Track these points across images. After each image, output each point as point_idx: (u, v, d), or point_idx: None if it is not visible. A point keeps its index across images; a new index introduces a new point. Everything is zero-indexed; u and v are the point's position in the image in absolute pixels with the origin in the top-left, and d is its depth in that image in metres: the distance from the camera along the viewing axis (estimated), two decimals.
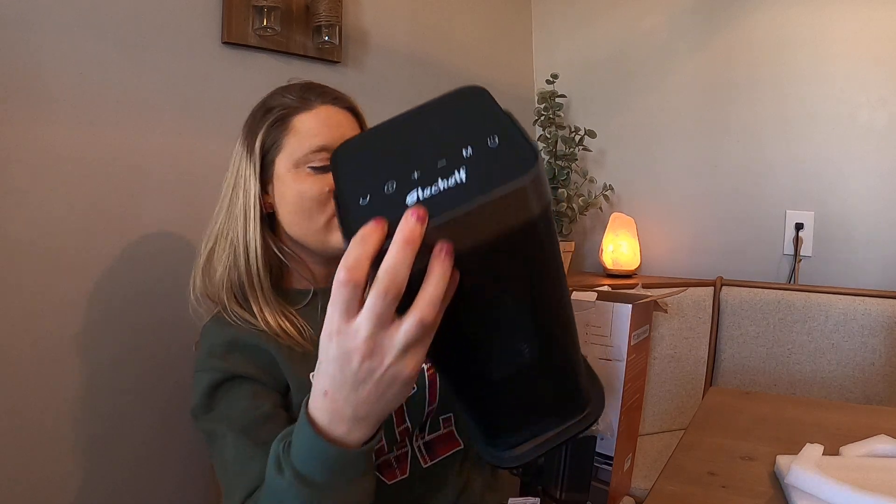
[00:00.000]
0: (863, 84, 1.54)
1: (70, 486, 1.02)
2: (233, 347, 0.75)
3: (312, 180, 0.77)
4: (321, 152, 0.77)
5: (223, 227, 0.81)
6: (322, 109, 0.79)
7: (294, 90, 0.81)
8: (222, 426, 0.71)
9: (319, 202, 0.77)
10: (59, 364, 1.00)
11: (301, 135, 0.78)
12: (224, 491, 0.68)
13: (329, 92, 0.82)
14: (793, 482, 0.67)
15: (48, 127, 0.99)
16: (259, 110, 0.82)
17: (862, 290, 1.45)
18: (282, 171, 0.78)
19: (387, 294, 0.38)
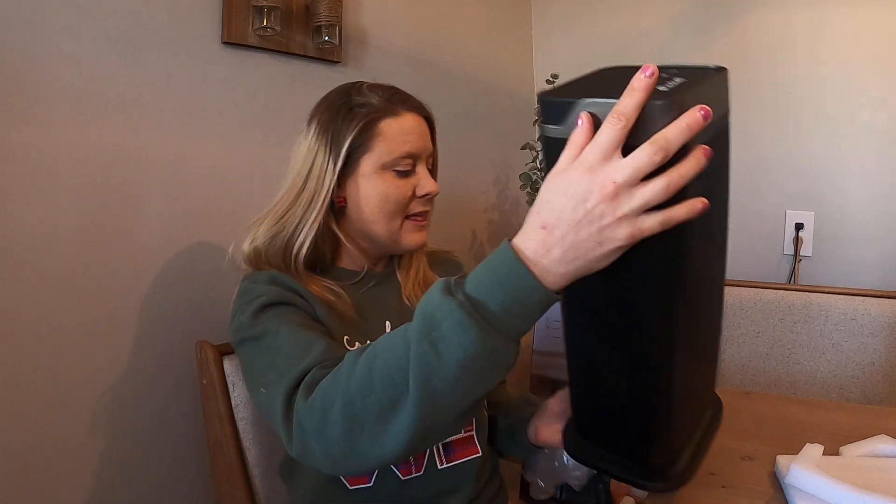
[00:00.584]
0: (863, 84, 1.54)
1: (70, 486, 1.02)
2: (279, 284, 0.78)
3: (398, 184, 0.82)
4: (407, 158, 0.82)
5: (280, 208, 0.84)
6: (408, 116, 0.83)
7: (381, 92, 0.83)
8: (274, 326, 0.72)
9: (402, 204, 0.83)
10: (59, 364, 1.00)
11: (389, 140, 0.81)
12: (269, 380, 0.65)
13: (412, 100, 0.86)
14: (793, 482, 0.67)
15: (47, 127, 0.99)
16: (341, 107, 0.82)
17: (862, 290, 1.45)
18: (366, 170, 0.81)
19: (654, 156, 0.42)
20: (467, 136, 1.81)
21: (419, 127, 0.84)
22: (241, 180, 1.23)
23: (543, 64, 2.07)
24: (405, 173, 0.82)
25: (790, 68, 1.63)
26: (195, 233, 1.17)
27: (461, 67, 1.78)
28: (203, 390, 0.97)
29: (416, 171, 0.84)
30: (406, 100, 0.85)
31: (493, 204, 1.92)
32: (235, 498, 0.93)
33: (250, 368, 0.73)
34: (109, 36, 1.05)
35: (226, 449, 0.94)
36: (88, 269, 1.03)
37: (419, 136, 0.84)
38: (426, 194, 0.84)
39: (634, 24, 1.89)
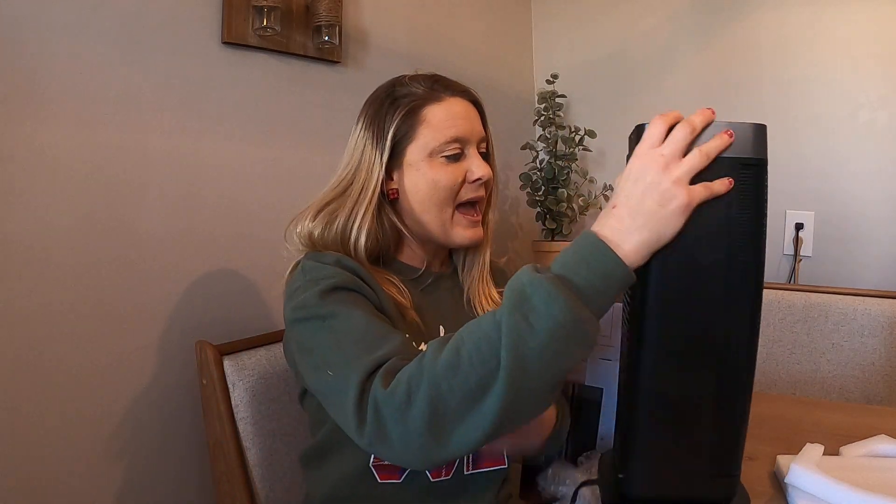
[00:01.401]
0: (863, 84, 1.54)
1: (70, 487, 1.02)
2: (346, 268, 0.75)
3: (446, 170, 0.81)
4: (454, 143, 0.80)
5: (329, 203, 0.82)
6: (452, 101, 0.82)
7: (422, 81, 0.83)
8: (345, 309, 0.68)
9: (452, 190, 0.81)
10: (59, 365, 1.00)
11: (434, 126, 0.80)
12: (339, 362, 0.63)
13: (455, 84, 0.84)
14: (793, 482, 0.67)
15: (47, 127, 0.99)
16: (384, 99, 0.83)
17: (862, 290, 1.45)
18: (414, 158, 0.81)
19: (687, 136, 0.56)
20: None
21: (465, 111, 0.83)
22: (242, 180, 1.23)
23: (543, 64, 2.07)
24: (454, 157, 0.81)
25: (790, 68, 1.63)
26: (195, 233, 1.17)
27: (461, 67, 1.78)
28: (203, 390, 0.97)
29: (466, 155, 0.82)
30: (450, 85, 0.84)
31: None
32: (235, 498, 0.93)
33: (311, 348, 0.69)
34: (109, 36, 1.05)
35: (226, 449, 0.94)
36: (88, 269, 1.03)
37: (466, 119, 0.82)
38: (477, 179, 0.82)
39: (634, 24, 1.89)
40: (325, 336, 0.67)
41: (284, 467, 0.99)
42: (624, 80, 1.92)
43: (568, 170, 1.78)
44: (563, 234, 1.79)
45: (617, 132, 1.91)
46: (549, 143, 1.79)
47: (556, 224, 1.77)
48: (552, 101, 1.78)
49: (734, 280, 0.57)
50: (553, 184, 1.77)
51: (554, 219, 1.77)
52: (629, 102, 1.91)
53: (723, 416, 0.60)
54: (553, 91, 1.79)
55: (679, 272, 0.57)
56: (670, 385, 0.59)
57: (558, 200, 1.75)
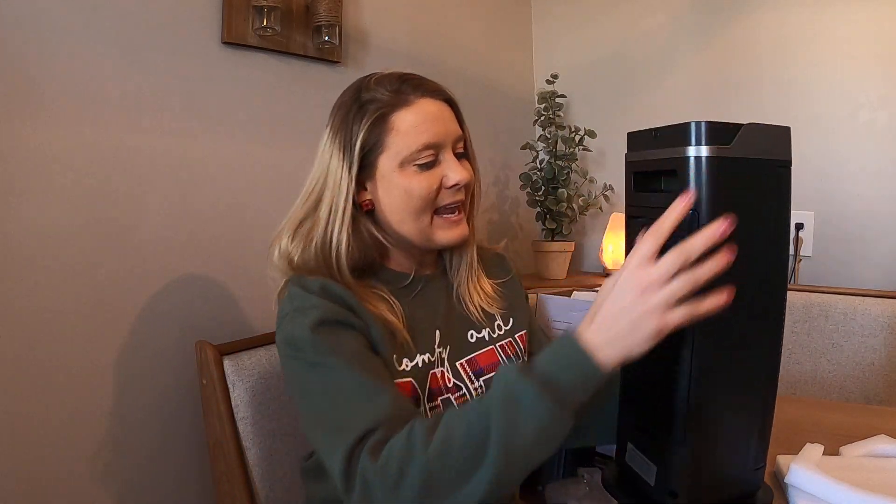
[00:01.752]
0: (863, 84, 1.54)
1: (70, 487, 1.02)
2: (332, 296, 0.73)
3: (420, 178, 0.76)
4: (427, 150, 0.76)
5: (303, 222, 0.79)
6: (422, 103, 0.77)
7: (388, 83, 0.77)
8: (333, 359, 0.68)
9: (428, 199, 0.77)
10: (59, 365, 1.00)
11: (403, 133, 0.75)
12: (329, 423, 0.66)
13: (425, 83, 0.79)
14: (793, 482, 0.67)
15: (47, 127, 0.99)
16: (351, 105, 0.78)
17: (862, 290, 1.45)
18: (385, 169, 0.77)
19: (677, 263, 0.55)
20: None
21: (438, 112, 0.78)
22: (242, 180, 1.23)
23: (543, 64, 2.07)
24: (428, 165, 0.76)
25: (790, 68, 1.63)
26: (195, 232, 1.17)
27: (461, 67, 1.78)
28: (203, 390, 0.97)
29: (441, 160, 0.78)
30: (419, 85, 0.78)
31: (493, 204, 1.92)
32: (235, 498, 0.93)
33: (300, 393, 0.71)
34: (109, 36, 1.05)
35: (226, 449, 0.94)
36: (89, 269, 1.03)
37: (438, 122, 0.77)
38: (454, 185, 0.77)
39: (634, 24, 1.89)
40: (313, 386, 0.68)
41: (284, 467, 0.99)
42: (624, 80, 1.92)
43: (568, 170, 1.78)
44: (563, 234, 1.79)
45: (617, 132, 1.90)
46: (549, 143, 1.79)
47: (556, 224, 1.77)
48: (552, 101, 1.78)
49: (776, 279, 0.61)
50: (553, 184, 1.77)
51: (554, 219, 1.77)
52: (629, 102, 1.91)
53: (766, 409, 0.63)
54: (553, 91, 1.79)
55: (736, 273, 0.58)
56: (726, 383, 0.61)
57: (558, 200, 1.75)
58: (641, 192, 0.66)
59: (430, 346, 0.79)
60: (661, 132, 0.62)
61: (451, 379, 0.79)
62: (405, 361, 0.76)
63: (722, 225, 0.55)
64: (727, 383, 0.61)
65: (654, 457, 0.65)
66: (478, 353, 0.84)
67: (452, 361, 0.81)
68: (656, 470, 0.64)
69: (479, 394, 0.80)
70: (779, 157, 0.59)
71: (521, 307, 0.93)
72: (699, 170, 0.57)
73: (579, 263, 2.04)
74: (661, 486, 0.64)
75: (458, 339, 0.83)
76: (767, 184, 0.59)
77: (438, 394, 0.77)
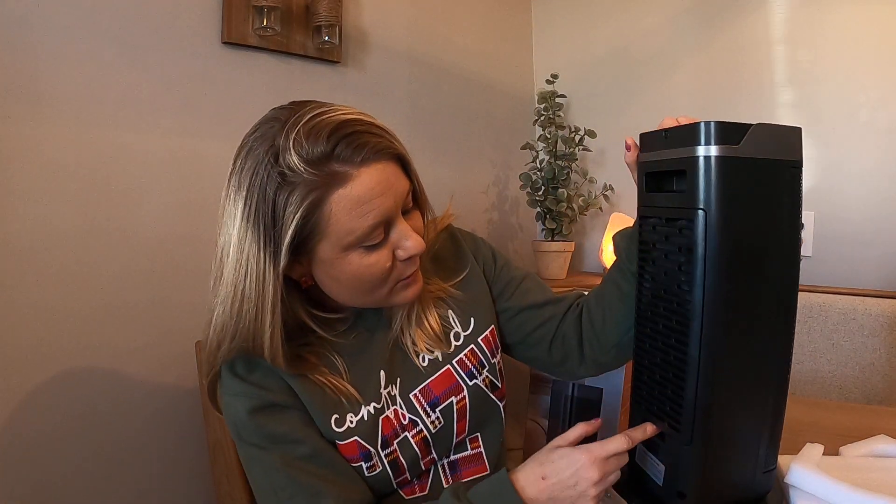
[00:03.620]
0: (863, 84, 1.54)
1: (70, 486, 1.02)
2: (266, 375, 0.69)
3: (370, 261, 0.65)
4: (375, 230, 0.63)
5: (231, 316, 0.66)
6: (363, 175, 0.61)
7: (314, 147, 0.60)
8: (271, 457, 0.68)
9: (382, 279, 0.67)
10: (59, 366, 1.00)
11: (345, 219, 0.62)
12: None
13: (363, 143, 0.61)
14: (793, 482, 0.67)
15: (47, 127, 0.99)
16: (267, 177, 0.61)
17: (862, 290, 1.45)
18: (326, 256, 0.64)
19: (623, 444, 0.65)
20: (467, 136, 1.81)
21: (383, 181, 0.63)
22: None
23: (543, 64, 2.07)
24: (377, 245, 0.65)
25: (789, 68, 1.63)
26: (195, 232, 1.17)
27: (461, 67, 1.78)
28: (203, 390, 0.97)
29: (392, 232, 0.66)
30: (358, 146, 0.61)
31: (493, 204, 1.92)
32: (235, 498, 0.93)
33: (250, 479, 0.72)
34: (109, 36, 1.05)
35: (226, 449, 0.94)
36: (88, 268, 1.03)
37: (386, 192, 0.63)
38: (410, 257, 0.67)
39: (634, 24, 1.89)
40: (258, 480, 0.70)
41: None
42: (624, 80, 1.92)
43: (568, 170, 1.78)
44: (563, 234, 1.79)
45: (617, 132, 1.92)
46: (549, 143, 1.79)
47: (556, 224, 1.77)
48: (552, 101, 1.78)
49: (787, 280, 0.60)
50: (553, 184, 1.77)
51: (554, 219, 1.77)
52: (629, 102, 1.91)
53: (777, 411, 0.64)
54: (553, 91, 1.79)
55: (744, 274, 0.59)
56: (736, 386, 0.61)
57: (558, 200, 1.75)
58: (653, 192, 0.66)
59: (375, 393, 0.74)
60: (672, 132, 0.62)
61: (406, 415, 0.75)
62: (349, 418, 0.71)
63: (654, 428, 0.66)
64: (738, 383, 0.61)
65: (663, 457, 0.65)
66: (432, 378, 0.77)
67: (405, 394, 0.75)
68: (665, 470, 0.65)
69: (435, 426, 0.75)
70: (789, 157, 0.59)
71: (483, 300, 0.83)
72: (708, 170, 0.58)
73: (579, 263, 2.04)
74: (670, 486, 0.64)
75: (408, 370, 0.77)
76: (778, 184, 0.59)
77: (394, 437, 0.73)
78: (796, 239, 0.61)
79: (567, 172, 1.77)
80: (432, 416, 0.76)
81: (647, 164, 0.66)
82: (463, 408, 0.78)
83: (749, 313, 0.59)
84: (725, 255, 0.58)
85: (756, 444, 0.63)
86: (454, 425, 0.77)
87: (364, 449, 0.72)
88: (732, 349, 0.60)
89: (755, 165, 0.58)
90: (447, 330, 0.80)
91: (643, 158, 0.67)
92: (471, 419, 0.79)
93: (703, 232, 0.57)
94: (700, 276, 0.58)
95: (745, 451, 0.63)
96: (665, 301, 0.64)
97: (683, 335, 0.60)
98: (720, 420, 0.61)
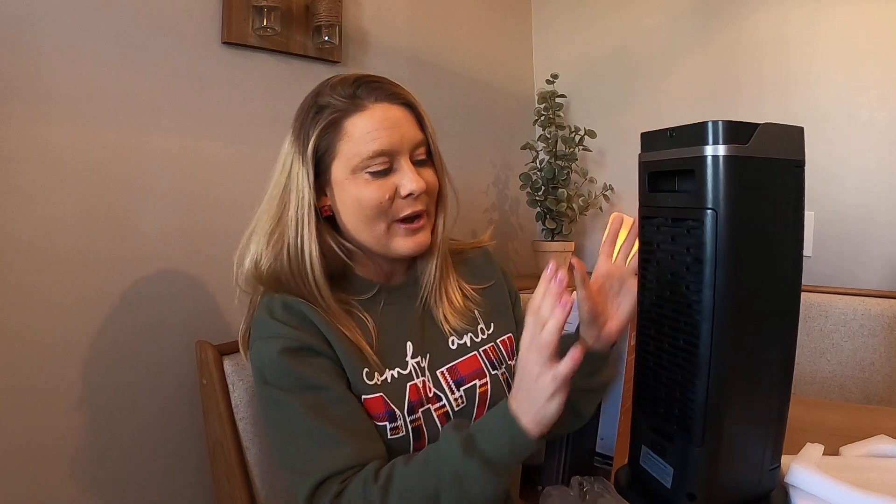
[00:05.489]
0: (863, 84, 1.54)
1: (70, 486, 1.02)
2: (294, 318, 0.74)
3: (371, 187, 0.74)
4: (379, 157, 0.73)
5: (273, 228, 0.77)
6: (376, 109, 0.74)
7: (345, 87, 0.75)
8: (297, 402, 0.70)
9: (380, 209, 0.75)
10: (58, 365, 1.00)
11: (355, 140, 0.73)
12: (294, 463, 0.70)
13: (384, 86, 0.76)
14: (793, 482, 0.67)
15: (48, 127, 0.99)
16: (309, 108, 0.77)
17: (862, 290, 1.45)
18: (339, 177, 0.75)
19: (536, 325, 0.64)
20: (467, 136, 1.81)
21: (391, 117, 0.75)
22: (242, 180, 1.23)
23: (543, 64, 2.07)
24: (381, 173, 0.74)
25: (790, 68, 1.62)
26: (195, 232, 1.17)
27: (461, 67, 1.78)
28: (203, 390, 0.97)
29: (396, 168, 0.75)
30: (375, 89, 0.75)
31: (493, 204, 1.92)
32: (235, 498, 0.93)
33: (268, 426, 0.76)
34: (109, 36, 1.05)
35: (226, 449, 0.94)
36: (89, 268, 1.03)
37: (393, 128, 0.74)
38: (409, 194, 0.75)
39: (634, 24, 1.89)
40: (279, 425, 0.72)
41: None
42: (624, 80, 1.92)
43: (568, 170, 1.78)
44: (564, 234, 1.79)
45: (617, 132, 1.92)
46: (549, 143, 1.79)
47: (556, 224, 1.77)
48: (552, 101, 1.78)
49: (792, 280, 0.60)
50: (553, 184, 1.77)
51: (554, 219, 1.77)
52: (629, 102, 1.91)
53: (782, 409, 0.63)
54: (553, 91, 1.79)
55: (752, 273, 0.59)
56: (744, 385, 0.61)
57: (558, 200, 1.75)
58: (655, 192, 0.65)
59: (400, 360, 0.78)
60: (678, 132, 0.61)
61: (432, 389, 0.79)
62: (376, 376, 0.75)
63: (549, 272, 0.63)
64: (746, 383, 0.61)
65: (671, 458, 0.65)
66: (459, 360, 0.82)
67: (433, 370, 0.80)
68: (673, 472, 0.64)
69: (458, 404, 0.79)
70: (794, 156, 0.59)
71: (504, 311, 0.91)
72: (716, 169, 0.57)
73: None
74: (679, 488, 0.63)
75: (438, 348, 0.82)
76: (783, 184, 0.59)
77: (419, 405, 0.77)
78: (800, 238, 0.61)
79: (567, 172, 1.77)
80: (456, 393, 0.80)
81: (649, 164, 0.66)
82: (485, 393, 0.82)
83: (757, 313, 0.59)
84: (735, 255, 0.58)
85: (763, 442, 0.63)
86: (475, 409, 0.81)
87: (389, 408, 0.75)
88: (741, 349, 0.60)
89: (763, 165, 0.58)
90: (474, 319, 0.87)
91: (645, 158, 0.67)
92: (489, 408, 0.80)
93: (714, 232, 0.57)
94: (710, 277, 0.58)
95: (753, 450, 0.63)
96: (672, 303, 0.63)
97: (693, 336, 0.60)
98: (730, 420, 0.61)
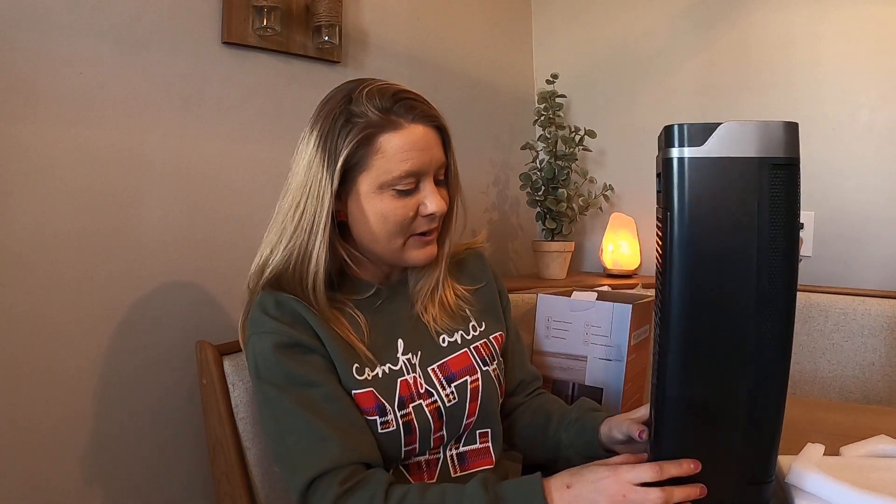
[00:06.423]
0: (863, 84, 1.54)
1: (70, 487, 1.02)
2: (294, 317, 0.76)
3: (397, 204, 0.76)
4: (408, 178, 0.76)
5: (287, 228, 0.78)
6: (411, 130, 0.75)
7: (380, 99, 0.75)
8: (288, 397, 0.73)
9: (402, 226, 0.77)
10: (58, 364, 1.00)
11: (388, 157, 0.75)
12: (285, 461, 0.72)
13: (419, 107, 0.77)
14: (793, 482, 0.67)
15: (47, 127, 0.99)
16: (339, 114, 0.75)
17: (862, 290, 1.45)
18: (364, 189, 0.76)
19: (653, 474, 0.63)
20: (467, 136, 1.81)
21: (425, 140, 0.76)
22: (241, 180, 1.23)
23: (543, 64, 2.07)
24: (406, 192, 0.77)
25: (790, 68, 1.63)
26: (195, 232, 1.17)
27: (461, 67, 1.78)
28: (203, 390, 0.97)
29: (421, 188, 0.78)
30: (412, 108, 0.76)
31: (493, 204, 1.92)
32: (235, 498, 0.93)
33: (262, 419, 0.78)
34: (109, 36, 1.05)
35: (226, 449, 0.94)
36: (88, 269, 1.03)
37: (424, 150, 0.76)
38: (430, 214, 0.78)
39: (634, 24, 1.89)
40: (271, 420, 0.74)
41: None
42: (624, 80, 1.92)
43: (568, 170, 1.78)
44: (563, 234, 1.79)
45: (617, 132, 1.92)
46: (549, 143, 1.79)
47: (556, 224, 1.77)
48: (552, 101, 1.78)
49: (766, 282, 0.58)
50: (553, 184, 1.77)
51: (554, 219, 1.77)
52: (629, 102, 1.91)
53: (756, 422, 0.62)
54: (553, 91, 1.79)
55: (710, 275, 0.58)
56: (703, 389, 0.61)
57: (558, 200, 1.75)
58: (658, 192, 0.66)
59: (391, 357, 0.81)
60: (662, 133, 0.62)
61: (423, 385, 0.80)
62: (366, 371, 0.78)
63: (692, 464, 0.62)
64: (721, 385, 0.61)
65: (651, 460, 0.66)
66: (450, 357, 0.84)
67: (424, 367, 0.82)
68: None
69: (450, 400, 0.81)
70: (771, 154, 0.57)
71: (495, 311, 0.94)
72: (669, 171, 0.59)
73: (579, 264, 2.04)
74: None
75: (429, 345, 0.84)
76: (749, 181, 0.57)
77: (409, 401, 0.78)
78: (794, 239, 0.59)
79: (567, 172, 1.77)
80: (447, 389, 0.81)
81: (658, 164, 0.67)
82: (476, 388, 0.83)
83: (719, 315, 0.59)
84: (690, 255, 0.58)
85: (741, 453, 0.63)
86: (466, 404, 0.82)
87: (379, 402, 0.76)
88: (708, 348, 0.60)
89: (722, 165, 0.57)
90: (465, 318, 0.89)
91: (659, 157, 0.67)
92: (481, 403, 0.83)
93: (670, 233, 0.58)
94: (669, 276, 0.59)
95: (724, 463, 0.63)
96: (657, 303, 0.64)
97: (664, 338, 0.61)
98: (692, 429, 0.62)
